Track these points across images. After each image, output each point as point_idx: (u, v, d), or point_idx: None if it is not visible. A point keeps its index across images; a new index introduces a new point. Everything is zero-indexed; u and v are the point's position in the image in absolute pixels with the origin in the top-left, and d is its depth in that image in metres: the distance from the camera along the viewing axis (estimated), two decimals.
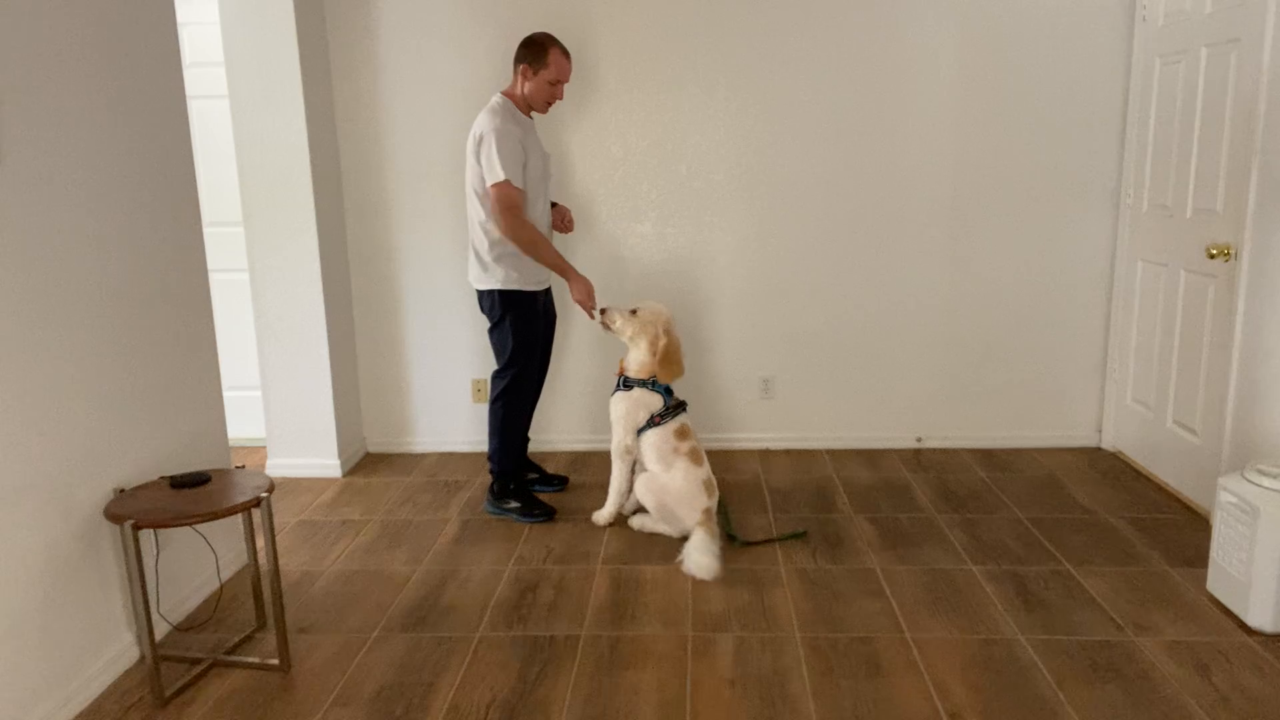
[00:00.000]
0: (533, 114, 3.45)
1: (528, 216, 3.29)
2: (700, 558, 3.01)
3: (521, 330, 3.39)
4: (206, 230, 4.11)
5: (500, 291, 3.36)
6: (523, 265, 3.34)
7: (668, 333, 3.31)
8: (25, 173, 2.19)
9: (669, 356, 3.30)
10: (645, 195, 4.11)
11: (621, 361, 3.42)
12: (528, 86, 3.33)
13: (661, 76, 4.00)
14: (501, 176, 3.18)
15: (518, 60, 3.34)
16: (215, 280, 3.95)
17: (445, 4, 3.96)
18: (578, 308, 4.17)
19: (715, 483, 3.31)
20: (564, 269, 3.35)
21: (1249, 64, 3.09)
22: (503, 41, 3.78)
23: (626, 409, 3.32)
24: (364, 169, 4.12)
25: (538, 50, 3.30)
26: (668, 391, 3.35)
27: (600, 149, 4.07)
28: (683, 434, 3.30)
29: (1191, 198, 3.47)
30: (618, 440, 3.36)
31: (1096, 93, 3.93)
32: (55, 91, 2.30)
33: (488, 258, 3.34)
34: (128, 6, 2.59)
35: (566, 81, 3.40)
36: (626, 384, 3.35)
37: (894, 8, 3.90)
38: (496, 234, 3.30)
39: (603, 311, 3.39)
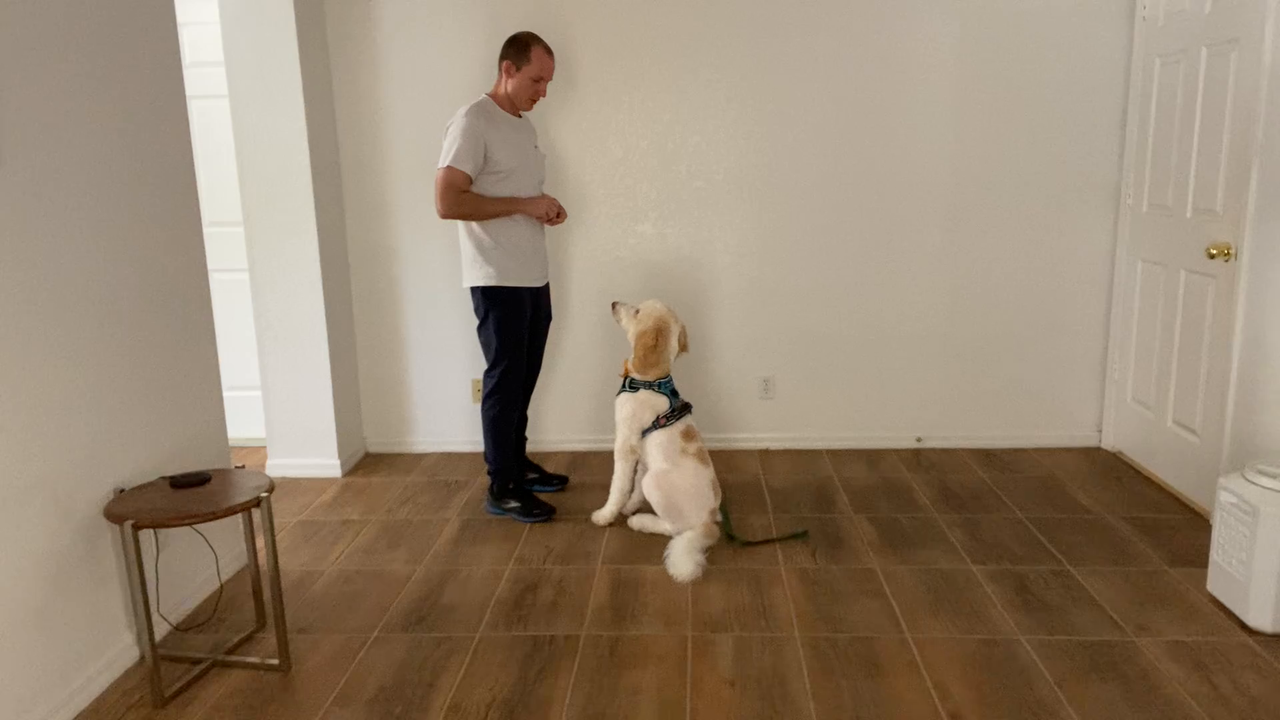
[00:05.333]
0: (522, 113, 3.46)
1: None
2: (681, 562, 3.01)
3: (506, 327, 3.39)
4: (206, 230, 4.11)
5: (484, 288, 3.37)
6: (507, 262, 3.35)
7: (659, 330, 3.31)
8: (25, 173, 2.19)
9: (642, 343, 3.30)
10: (645, 195, 4.11)
11: (625, 362, 3.42)
12: (511, 84, 3.35)
13: (662, 76, 4.00)
14: (447, 162, 3.22)
15: (501, 58, 3.36)
16: (215, 280, 3.97)
17: (445, 4, 3.96)
18: (576, 309, 4.18)
19: (719, 485, 3.32)
20: (515, 204, 3.34)
21: (1249, 64, 3.09)
22: (503, 41, 3.78)
23: (632, 410, 3.32)
24: (364, 169, 4.12)
25: (520, 48, 3.32)
26: (674, 393, 3.35)
27: (601, 149, 4.07)
28: (689, 435, 3.30)
29: (1191, 198, 3.47)
30: (622, 440, 3.36)
31: (1096, 93, 3.93)
32: (55, 92, 2.29)
33: (472, 255, 3.36)
34: (128, 6, 2.59)
35: (549, 79, 3.40)
36: (632, 385, 3.35)
37: (894, 8, 3.90)
38: (479, 231, 3.33)
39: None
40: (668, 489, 3.22)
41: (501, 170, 3.29)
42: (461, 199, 3.25)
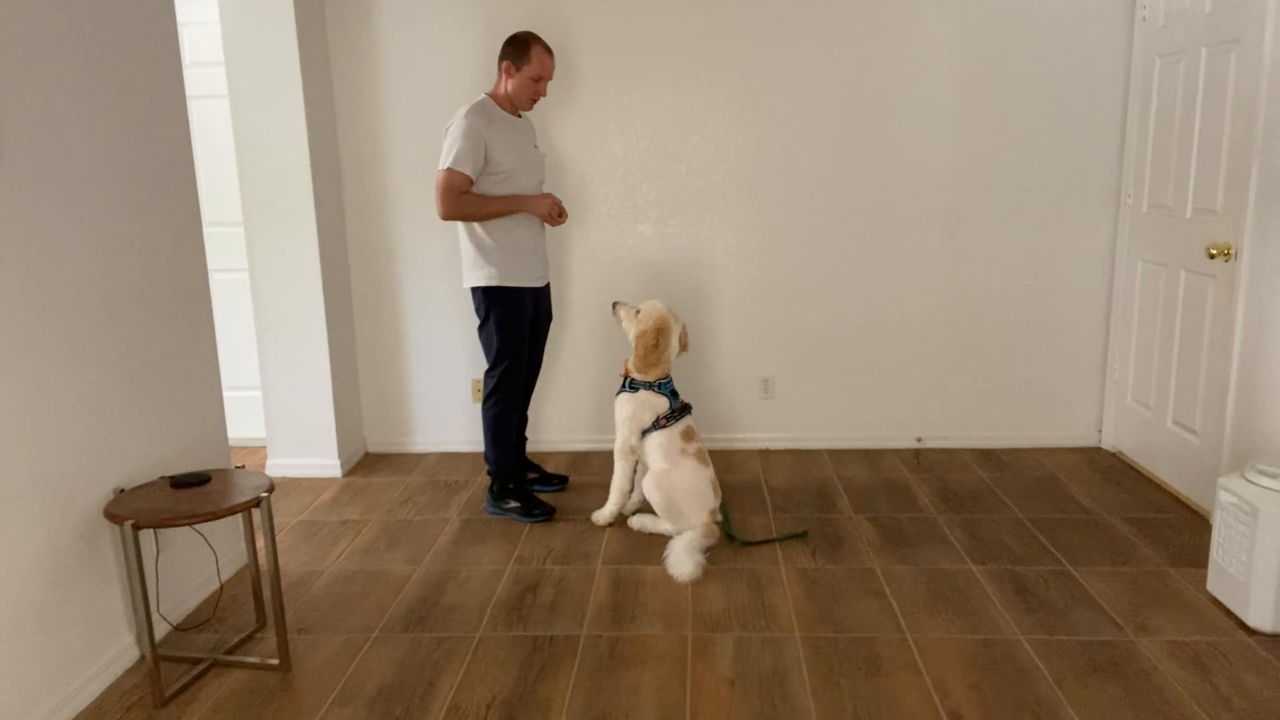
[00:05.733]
0: (521, 113, 3.46)
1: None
2: (681, 562, 3.01)
3: (507, 328, 3.39)
4: (206, 230, 4.12)
5: (485, 288, 3.36)
6: (508, 262, 3.35)
7: (659, 330, 3.31)
8: (25, 173, 2.19)
9: (642, 344, 3.30)
10: (645, 195, 4.11)
11: (626, 362, 3.42)
12: (511, 84, 3.35)
13: (662, 76, 4.00)
14: (447, 164, 3.22)
15: (501, 58, 3.36)
16: (215, 280, 3.97)
17: (445, 4, 3.96)
18: (576, 309, 4.18)
19: (719, 485, 3.32)
20: (517, 202, 3.34)
21: (1249, 64, 3.09)
22: (502, 41, 3.77)
23: (632, 410, 3.32)
24: (364, 169, 4.12)
25: (520, 47, 3.31)
26: (674, 394, 3.35)
27: (601, 149, 4.07)
28: (689, 435, 3.30)
29: (1191, 198, 3.47)
30: (621, 440, 3.36)
31: (1096, 93, 3.93)
32: (55, 92, 2.29)
33: (473, 256, 3.36)
34: (128, 6, 2.59)
35: (549, 78, 3.40)
36: (632, 385, 3.35)
37: (894, 8, 3.90)
38: (480, 232, 3.32)
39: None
40: (668, 489, 3.22)
41: (502, 171, 3.29)
42: (462, 200, 3.25)
